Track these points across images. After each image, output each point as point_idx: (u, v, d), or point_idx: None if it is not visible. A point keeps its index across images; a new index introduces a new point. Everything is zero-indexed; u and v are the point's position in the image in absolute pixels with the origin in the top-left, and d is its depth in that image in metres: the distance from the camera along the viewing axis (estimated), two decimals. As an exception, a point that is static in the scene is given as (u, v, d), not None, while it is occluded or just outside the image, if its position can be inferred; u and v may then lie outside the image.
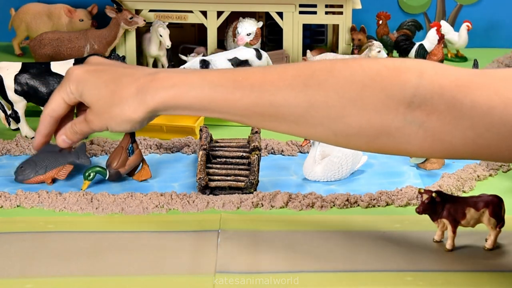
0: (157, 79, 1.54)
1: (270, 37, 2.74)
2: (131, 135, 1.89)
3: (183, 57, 2.40)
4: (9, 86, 2.09)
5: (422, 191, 1.59)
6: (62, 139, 1.69)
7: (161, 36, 2.44)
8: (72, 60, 2.14)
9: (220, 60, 2.23)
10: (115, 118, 1.57)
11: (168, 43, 2.44)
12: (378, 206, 1.78)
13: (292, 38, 2.47)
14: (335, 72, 1.44)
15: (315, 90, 1.44)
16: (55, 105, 1.65)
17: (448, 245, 1.60)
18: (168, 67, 2.22)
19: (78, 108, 1.69)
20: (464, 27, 2.70)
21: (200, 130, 1.98)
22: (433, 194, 1.57)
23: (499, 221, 1.59)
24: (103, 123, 1.59)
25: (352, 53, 2.51)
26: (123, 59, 2.11)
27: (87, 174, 1.84)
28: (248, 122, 1.53)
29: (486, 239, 1.61)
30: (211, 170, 1.85)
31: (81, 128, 1.65)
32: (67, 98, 1.63)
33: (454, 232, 1.59)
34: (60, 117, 1.68)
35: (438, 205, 1.58)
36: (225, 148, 1.95)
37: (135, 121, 1.55)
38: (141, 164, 1.90)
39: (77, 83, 1.60)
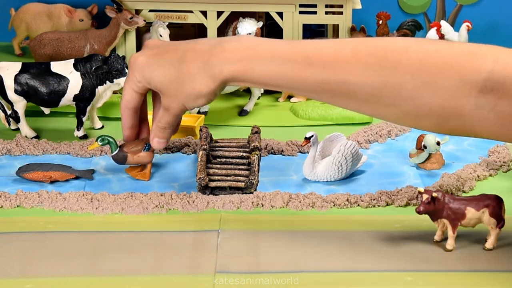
0: (223, 51, 1.55)
1: (270, 37, 2.74)
2: None
3: (183, 57, 2.39)
4: (9, 86, 2.09)
5: (422, 191, 1.59)
6: (156, 141, 1.73)
7: (161, 36, 2.44)
8: (72, 60, 2.14)
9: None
10: (189, 96, 1.59)
11: (168, 43, 2.43)
12: (378, 206, 1.78)
13: (292, 38, 2.47)
14: (410, 54, 1.47)
15: (389, 71, 1.46)
16: (128, 96, 1.69)
17: (449, 245, 1.60)
18: (168, 67, 2.21)
19: (153, 97, 1.73)
20: (464, 27, 2.70)
21: (200, 130, 1.98)
22: (433, 194, 1.57)
23: (499, 221, 1.59)
24: (180, 104, 1.62)
25: (352, 53, 2.50)
26: (123, 59, 2.11)
27: (100, 138, 1.87)
28: (317, 97, 1.56)
29: (486, 239, 1.61)
30: (211, 170, 1.85)
31: (165, 120, 1.68)
32: (136, 87, 1.66)
33: (454, 232, 1.59)
34: (137, 107, 1.72)
35: (438, 205, 1.58)
36: (225, 148, 1.95)
37: (209, 94, 1.58)
38: (146, 165, 1.90)
39: (142, 70, 1.62)
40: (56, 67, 2.12)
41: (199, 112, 2.23)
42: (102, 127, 2.21)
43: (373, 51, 1.49)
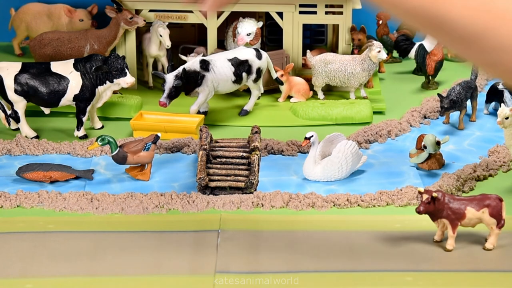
0: None
1: (270, 37, 2.74)
2: (155, 137, 1.91)
3: (183, 57, 2.40)
4: (9, 86, 2.09)
5: (422, 191, 1.59)
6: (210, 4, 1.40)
7: (161, 36, 2.44)
8: (72, 60, 2.14)
9: (220, 60, 2.23)
10: None
11: (168, 43, 2.44)
12: (378, 206, 1.78)
13: (292, 38, 2.47)
14: None
15: (490, 18, 1.34)
16: None
17: (449, 245, 1.60)
18: (168, 67, 2.21)
19: None
20: (464, 27, 2.70)
21: (200, 130, 1.98)
22: (433, 194, 1.58)
23: (499, 221, 1.59)
24: None
25: (352, 53, 2.51)
26: (123, 59, 2.11)
27: (100, 138, 1.86)
28: (413, 24, 1.46)
29: (486, 239, 1.61)
30: (211, 170, 1.85)
31: None
32: None
33: (454, 232, 1.59)
34: None
35: (438, 205, 1.59)
36: (225, 148, 1.95)
37: None
38: (146, 165, 1.90)
39: None
40: (56, 67, 2.12)
41: (199, 112, 2.23)
42: (102, 127, 2.21)
43: None
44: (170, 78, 2.14)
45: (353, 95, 2.37)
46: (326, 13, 2.46)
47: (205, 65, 2.20)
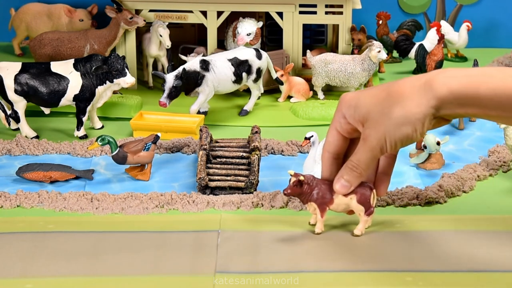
0: (448, 70, 1.42)
1: (270, 37, 2.74)
2: (155, 137, 1.91)
3: (183, 57, 2.40)
4: (9, 86, 2.09)
5: (293, 173, 1.60)
6: (340, 184, 1.56)
7: (161, 36, 2.44)
8: (72, 60, 2.14)
9: (220, 60, 2.23)
10: (395, 119, 1.43)
11: (168, 43, 2.44)
12: (378, 206, 1.78)
13: (292, 38, 2.47)
14: None
15: None
16: (330, 138, 1.55)
17: (318, 228, 1.63)
18: (168, 67, 2.22)
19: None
20: (464, 27, 2.71)
21: (200, 130, 1.98)
22: (300, 178, 1.58)
23: (367, 208, 1.60)
24: (380, 132, 1.45)
25: (352, 53, 2.51)
26: (123, 59, 2.11)
27: (100, 138, 1.86)
28: None
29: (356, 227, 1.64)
30: (211, 170, 1.85)
31: (358, 156, 1.51)
32: (339, 125, 1.53)
33: (322, 216, 1.62)
34: (338, 153, 1.57)
35: (307, 188, 1.60)
36: (225, 148, 1.95)
37: (417, 119, 1.41)
38: (146, 165, 1.90)
39: (349, 101, 1.50)
40: (56, 67, 2.12)
41: (199, 112, 2.23)
42: (102, 127, 2.21)
43: None
44: (170, 78, 2.14)
45: (353, 95, 2.37)
46: (326, 13, 2.47)
47: (205, 65, 2.20)
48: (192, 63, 2.21)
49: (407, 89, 1.44)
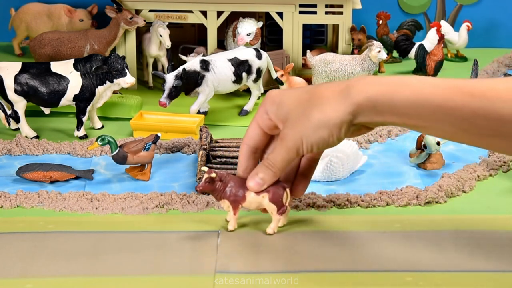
0: (367, 77, 1.44)
1: (270, 37, 2.74)
2: (155, 137, 1.91)
3: (183, 57, 2.40)
4: (9, 86, 2.09)
5: (206, 170, 1.61)
6: (254, 182, 1.57)
7: (161, 36, 2.44)
8: (72, 60, 2.14)
9: (220, 60, 2.23)
10: (312, 122, 1.45)
11: (168, 43, 2.44)
12: (378, 206, 1.78)
13: (292, 38, 2.47)
14: None
15: None
16: (251, 131, 1.56)
17: (230, 225, 1.64)
18: (168, 67, 2.22)
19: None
20: (464, 27, 2.71)
21: (200, 130, 1.98)
22: (212, 175, 1.59)
23: (279, 207, 1.61)
24: (298, 134, 1.47)
25: (352, 53, 2.51)
26: (123, 59, 2.11)
27: (100, 138, 1.86)
28: (462, 135, 1.41)
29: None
30: (211, 170, 1.85)
31: (274, 156, 1.52)
32: (261, 120, 1.54)
33: (235, 213, 1.62)
34: (258, 148, 1.58)
35: (219, 186, 1.60)
36: (225, 148, 1.95)
37: (334, 124, 1.43)
38: (146, 165, 1.90)
39: (273, 97, 1.51)
40: (56, 67, 2.12)
41: (199, 112, 2.23)
42: (102, 127, 2.21)
43: None
44: (170, 78, 2.14)
45: (353, 95, 2.37)
46: (326, 13, 2.47)
47: (205, 65, 2.20)
48: (192, 63, 2.21)
49: (327, 93, 1.45)
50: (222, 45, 2.56)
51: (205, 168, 1.62)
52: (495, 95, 1.36)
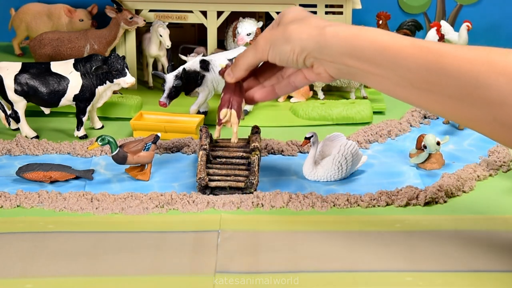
0: (343, 23, 1.60)
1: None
2: (155, 137, 1.91)
3: (183, 57, 2.40)
4: (9, 86, 2.09)
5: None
6: (227, 74, 1.71)
7: (161, 36, 2.44)
8: (72, 60, 2.14)
9: (220, 60, 2.23)
10: (286, 33, 1.57)
11: (168, 43, 2.44)
12: (378, 206, 1.78)
13: (292, 38, 2.46)
14: (510, 59, 1.43)
15: (486, 70, 1.43)
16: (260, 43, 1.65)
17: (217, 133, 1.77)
18: (168, 67, 2.22)
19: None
20: (464, 27, 2.70)
21: (200, 130, 1.98)
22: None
23: (218, 120, 1.75)
24: (269, 38, 1.60)
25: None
26: (123, 59, 2.11)
27: (100, 138, 1.86)
28: (407, 88, 1.51)
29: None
30: (211, 170, 1.85)
31: (245, 52, 1.66)
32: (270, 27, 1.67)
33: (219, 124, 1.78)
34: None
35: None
36: (225, 148, 1.95)
37: (298, 44, 1.56)
38: (146, 165, 1.91)
39: (285, 10, 1.64)
40: (56, 67, 2.12)
41: (199, 112, 2.23)
42: (102, 127, 2.21)
43: (476, 49, 1.46)
44: (170, 78, 2.15)
45: (353, 95, 2.37)
46: (326, 13, 2.47)
47: (205, 65, 2.20)
48: (192, 63, 2.21)
49: (309, 19, 1.58)
50: (222, 45, 2.56)
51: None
52: (447, 53, 1.47)
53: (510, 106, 1.42)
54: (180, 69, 2.17)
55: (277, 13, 2.46)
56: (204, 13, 2.47)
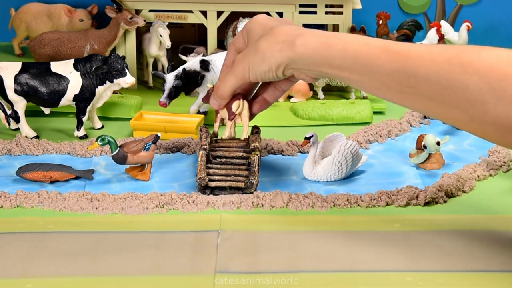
0: (313, 31, 1.62)
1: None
2: (155, 137, 1.91)
3: (183, 57, 2.40)
4: (9, 86, 2.09)
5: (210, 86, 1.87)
6: (212, 101, 1.82)
7: (161, 36, 2.44)
8: (72, 60, 2.14)
9: (220, 60, 2.23)
10: (259, 54, 1.65)
11: (168, 43, 2.44)
12: (378, 206, 1.78)
13: (292, 38, 2.46)
14: (482, 57, 1.45)
15: (457, 69, 1.46)
16: (237, 37, 1.76)
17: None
18: (168, 67, 2.22)
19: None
20: (464, 27, 2.71)
21: (200, 130, 1.98)
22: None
23: (230, 115, 1.83)
24: (246, 62, 1.68)
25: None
26: (123, 59, 2.11)
27: (100, 138, 1.86)
28: (385, 91, 1.55)
29: None
30: (211, 170, 1.85)
31: (224, 80, 1.74)
32: (237, 42, 1.76)
33: (216, 120, 1.88)
34: (240, 51, 1.75)
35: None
36: (225, 148, 1.95)
37: (274, 62, 1.63)
38: (146, 165, 1.91)
39: (251, 23, 1.71)
40: (56, 67, 2.12)
41: (199, 112, 2.23)
42: (102, 127, 2.21)
43: (446, 49, 1.49)
44: (170, 78, 2.15)
45: (353, 95, 2.37)
46: (326, 13, 2.47)
47: (205, 65, 2.20)
48: (192, 63, 2.21)
49: (281, 36, 1.63)
50: (222, 45, 2.56)
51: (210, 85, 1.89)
52: (417, 55, 1.50)
53: (485, 104, 1.44)
54: (180, 69, 2.17)
55: (277, 13, 2.46)
56: (204, 13, 2.47)
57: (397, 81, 1.51)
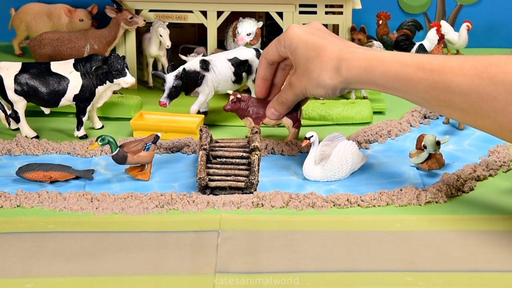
0: (356, 52, 1.79)
1: (270, 37, 2.74)
2: (155, 137, 1.90)
3: (183, 57, 2.40)
4: (9, 86, 2.09)
5: (231, 92, 2.02)
6: (271, 112, 2.00)
7: (161, 36, 2.44)
8: (72, 60, 2.14)
9: (220, 60, 2.23)
10: (313, 81, 1.83)
11: (168, 43, 2.44)
12: (378, 206, 1.78)
13: (292, 38, 2.46)
14: (507, 69, 1.57)
15: (486, 83, 1.58)
16: (270, 50, 1.96)
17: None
18: (168, 67, 2.22)
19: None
20: (464, 27, 2.70)
21: (200, 130, 1.98)
22: (238, 96, 2.00)
23: (294, 122, 2.02)
24: (302, 86, 1.87)
25: (352, 53, 2.50)
26: (123, 59, 2.11)
27: (100, 138, 1.86)
28: (426, 105, 1.70)
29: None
30: (211, 170, 1.85)
31: (285, 96, 1.94)
32: (279, 48, 1.92)
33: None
34: (273, 62, 1.98)
35: (243, 105, 2.02)
36: (225, 148, 1.95)
37: (329, 87, 1.82)
38: (146, 165, 1.90)
39: (292, 40, 1.87)
40: (56, 67, 2.12)
41: (199, 112, 2.23)
42: (102, 127, 2.21)
43: (476, 63, 1.61)
44: (170, 78, 2.14)
45: (353, 95, 2.37)
46: (326, 13, 2.46)
47: (205, 65, 2.20)
48: (192, 63, 2.21)
49: (327, 60, 1.81)
50: (222, 45, 2.56)
51: (230, 91, 2.03)
52: (449, 71, 1.63)
53: (511, 113, 1.56)
54: (180, 69, 2.17)
55: (277, 13, 2.46)
56: (204, 13, 2.46)
57: (434, 96, 1.65)
